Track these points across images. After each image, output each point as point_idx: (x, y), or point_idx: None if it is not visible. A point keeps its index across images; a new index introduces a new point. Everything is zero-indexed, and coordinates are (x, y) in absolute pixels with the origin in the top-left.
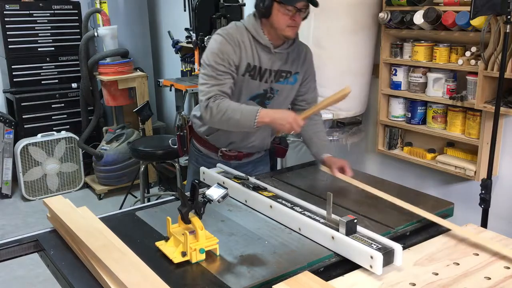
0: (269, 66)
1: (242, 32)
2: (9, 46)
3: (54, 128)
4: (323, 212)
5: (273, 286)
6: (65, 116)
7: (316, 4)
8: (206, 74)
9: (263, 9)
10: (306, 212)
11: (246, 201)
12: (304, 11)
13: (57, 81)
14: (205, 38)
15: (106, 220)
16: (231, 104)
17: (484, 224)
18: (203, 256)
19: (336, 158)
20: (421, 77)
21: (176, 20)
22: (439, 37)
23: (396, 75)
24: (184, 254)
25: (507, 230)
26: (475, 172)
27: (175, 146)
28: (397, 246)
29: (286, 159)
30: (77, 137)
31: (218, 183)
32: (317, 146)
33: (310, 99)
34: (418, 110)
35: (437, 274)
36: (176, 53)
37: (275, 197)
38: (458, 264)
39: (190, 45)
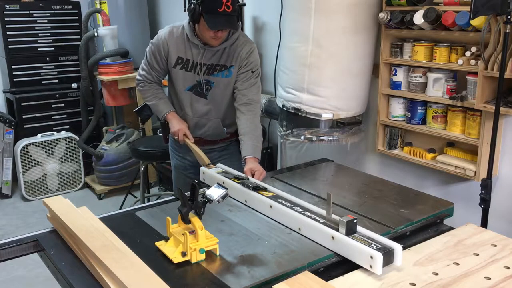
0: (201, 60)
1: (181, 30)
2: (9, 46)
3: (54, 128)
4: (323, 212)
5: (273, 286)
6: (65, 116)
7: (236, 30)
8: (143, 62)
9: (191, 18)
10: (306, 212)
11: (246, 201)
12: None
13: (57, 81)
14: None
15: (106, 220)
16: (148, 92)
17: (484, 224)
18: (203, 256)
19: (254, 163)
20: (421, 77)
21: (176, 20)
22: (439, 37)
23: (396, 75)
24: (184, 254)
25: (507, 230)
26: (475, 172)
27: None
28: (397, 246)
29: (286, 159)
30: (77, 137)
31: (218, 183)
32: (244, 146)
33: (241, 88)
34: (418, 110)
35: (437, 274)
36: None
37: (275, 197)
38: (458, 264)
39: None
